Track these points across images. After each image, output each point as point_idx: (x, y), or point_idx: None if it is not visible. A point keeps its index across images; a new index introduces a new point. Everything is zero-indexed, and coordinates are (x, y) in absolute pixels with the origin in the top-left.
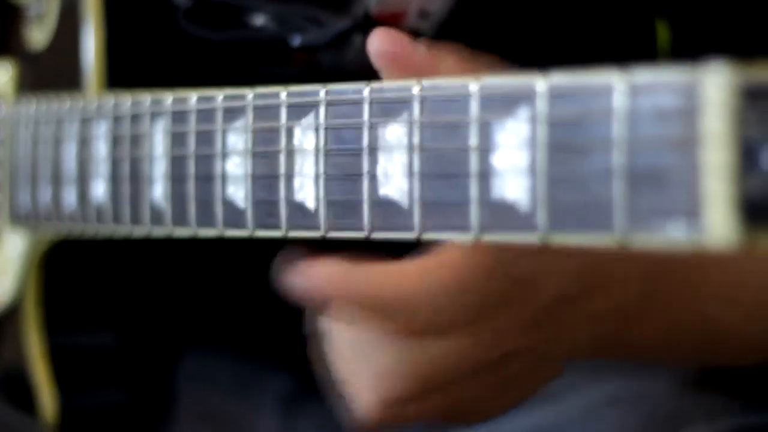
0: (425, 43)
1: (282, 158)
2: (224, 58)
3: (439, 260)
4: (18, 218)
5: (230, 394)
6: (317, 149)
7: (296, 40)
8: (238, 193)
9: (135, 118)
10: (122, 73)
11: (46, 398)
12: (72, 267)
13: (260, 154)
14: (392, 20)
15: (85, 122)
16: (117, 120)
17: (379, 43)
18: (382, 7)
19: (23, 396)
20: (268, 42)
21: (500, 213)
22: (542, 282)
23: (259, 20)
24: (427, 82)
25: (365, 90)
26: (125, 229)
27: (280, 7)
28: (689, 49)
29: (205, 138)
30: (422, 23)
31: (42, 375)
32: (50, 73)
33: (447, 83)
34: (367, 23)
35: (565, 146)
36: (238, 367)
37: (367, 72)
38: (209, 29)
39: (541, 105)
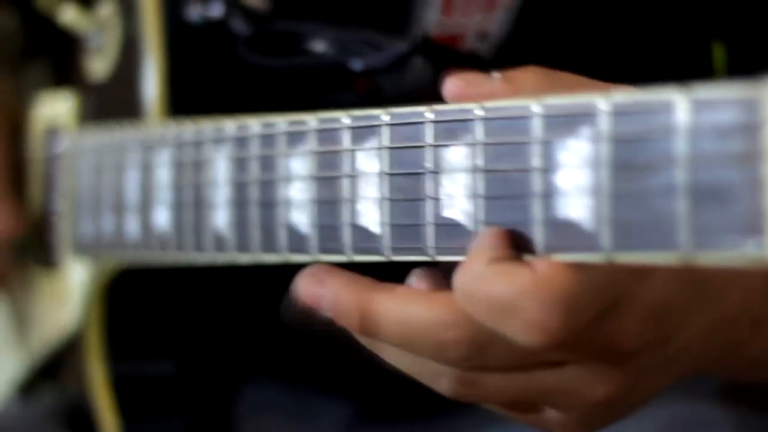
0: (499, 72)
1: (345, 183)
2: (285, 85)
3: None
4: (81, 248)
5: (291, 422)
6: (380, 173)
7: (356, 65)
8: (302, 218)
9: (198, 144)
10: (183, 102)
11: (109, 428)
12: (134, 296)
13: (323, 178)
14: (451, 42)
15: (148, 150)
16: (180, 147)
17: (452, 88)
18: (440, 30)
19: (86, 426)
20: (329, 68)
21: (564, 233)
22: (650, 283)
23: (319, 46)
24: (489, 104)
25: (428, 113)
26: (188, 257)
27: (339, 33)
28: (745, 70)
29: (268, 164)
30: (480, 44)
31: (104, 404)
32: (111, 102)
33: (509, 104)
34: (426, 46)
35: (628, 164)
36: (300, 394)
37: (427, 94)
38: (270, 57)
39: (604, 123)
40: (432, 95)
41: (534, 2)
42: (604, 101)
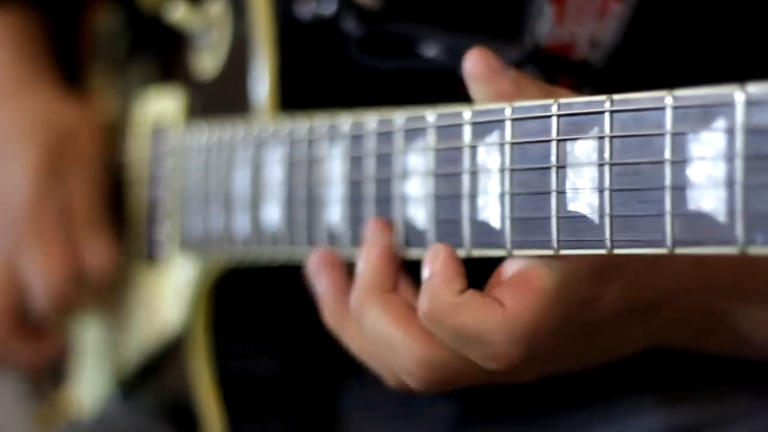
0: (512, 70)
1: (465, 177)
2: (394, 87)
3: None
4: (188, 245)
5: (397, 421)
6: (502, 167)
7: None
8: (419, 213)
9: (312, 142)
10: (293, 100)
11: (214, 425)
12: (240, 295)
13: (442, 174)
14: (563, 51)
15: (260, 147)
16: (293, 144)
17: (472, 63)
18: (552, 38)
19: (189, 423)
20: (439, 72)
21: (696, 226)
22: (599, 304)
23: (430, 51)
24: (617, 97)
25: (553, 106)
26: (300, 253)
27: (451, 39)
28: None
29: (385, 160)
30: (592, 53)
31: (210, 403)
32: (220, 100)
33: (639, 97)
34: (538, 55)
35: (764, 156)
36: (402, 393)
37: None
38: (380, 59)
39: (740, 115)
40: None
41: (645, 10)
42: (740, 93)
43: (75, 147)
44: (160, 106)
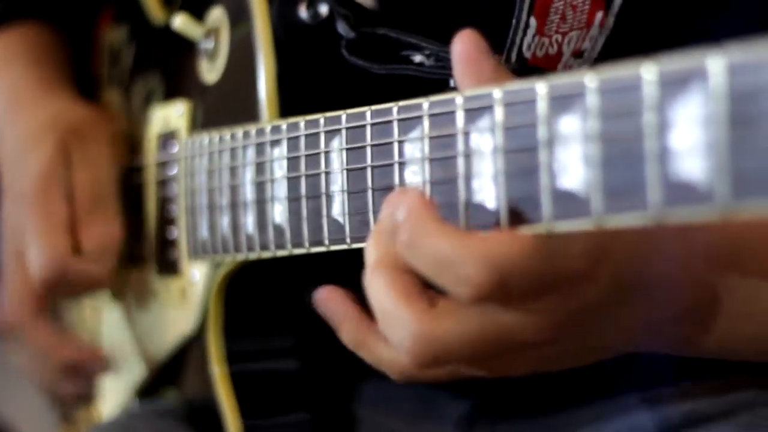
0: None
1: (460, 162)
2: (384, 89)
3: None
4: (198, 248)
5: (410, 418)
6: (495, 149)
7: (452, 80)
8: None
9: (310, 137)
10: (293, 102)
11: (232, 424)
12: (252, 293)
13: (438, 160)
14: (548, 61)
15: (261, 146)
16: (293, 140)
17: (462, 44)
18: (537, 49)
19: (209, 424)
20: (426, 79)
21: (680, 192)
22: (590, 285)
23: (418, 57)
24: (602, 73)
25: (540, 86)
26: (304, 249)
27: (436, 47)
28: None
29: (382, 149)
30: (577, 63)
31: (226, 401)
32: (223, 104)
33: (622, 71)
34: (523, 67)
35: (745, 119)
36: (418, 390)
37: None
38: (369, 62)
39: (718, 80)
40: None
41: (628, 19)
42: (716, 57)
43: (83, 142)
44: (167, 113)
